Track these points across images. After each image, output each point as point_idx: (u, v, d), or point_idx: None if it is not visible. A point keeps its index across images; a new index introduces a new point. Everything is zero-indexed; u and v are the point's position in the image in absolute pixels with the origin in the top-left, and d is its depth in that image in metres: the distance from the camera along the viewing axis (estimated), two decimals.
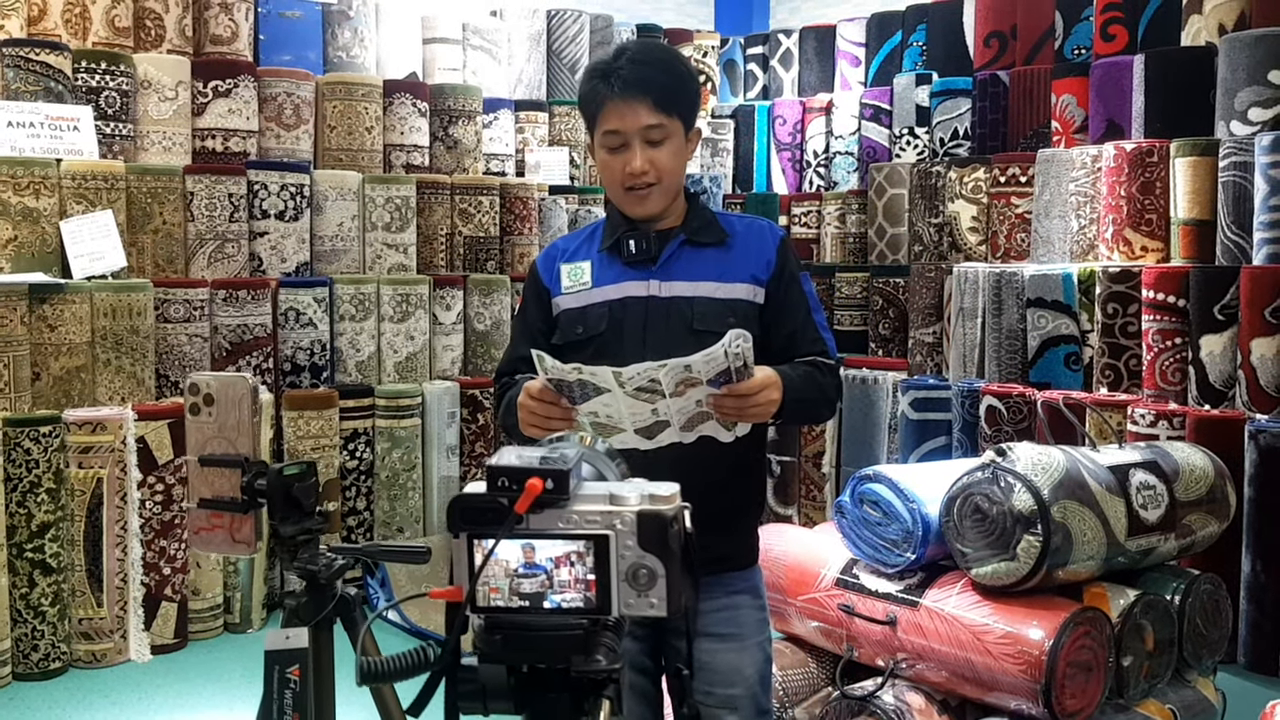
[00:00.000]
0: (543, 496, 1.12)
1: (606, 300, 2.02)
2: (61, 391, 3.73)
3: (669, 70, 2.00)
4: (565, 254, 2.12)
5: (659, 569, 1.12)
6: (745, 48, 6.22)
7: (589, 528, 1.13)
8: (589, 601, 1.12)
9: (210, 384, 1.69)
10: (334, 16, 4.81)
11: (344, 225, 4.45)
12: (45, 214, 3.77)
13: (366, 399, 4.29)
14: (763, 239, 2.06)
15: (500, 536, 1.11)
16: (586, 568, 1.12)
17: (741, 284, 2.01)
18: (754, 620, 2.08)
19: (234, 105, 4.28)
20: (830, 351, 2.06)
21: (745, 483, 2.09)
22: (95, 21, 4.12)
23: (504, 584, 1.13)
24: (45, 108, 3.84)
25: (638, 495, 1.14)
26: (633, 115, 1.94)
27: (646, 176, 1.96)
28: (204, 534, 1.76)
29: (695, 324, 1.97)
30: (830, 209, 5.65)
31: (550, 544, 1.12)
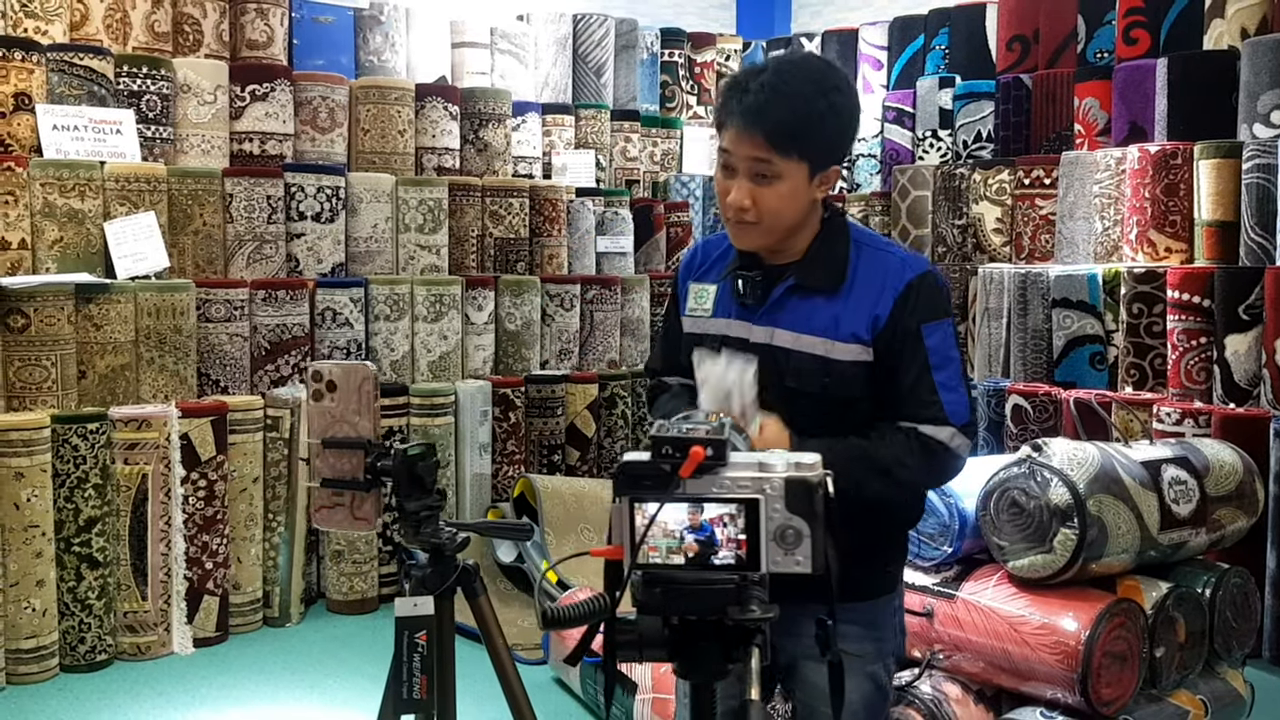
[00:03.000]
0: (703, 463, 1.24)
1: (718, 335, 1.93)
2: (107, 389, 3.80)
3: (800, 106, 1.79)
4: (700, 268, 2.03)
5: (805, 530, 1.24)
6: (767, 51, 6.27)
7: (741, 492, 1.24)
8: (740, 559, 1.25)
9: (333, 371, 1.80)
10: (365, 21, 4.89)
11: (378, 227, 4.52)
12: (90, 215, 3.84)
13: (401, 397, 4.36)
14: (881, 287, 1.85)
15: (665, 500, 1.24)
16: (738, 528, 1.24)
17: (843, 343, 1.85)
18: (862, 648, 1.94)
19: (271, 109, 4.35)
20: (949, 415, 1.83)
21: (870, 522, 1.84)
22: (135, 27, 4.20)
23: (662, 543, 1.25)
24: (89, 111, 3.91)
25: (784, 463, 1.26)
26: (745, 144, 1.80)
27: (746, 214, 1.83)
28: (325, 512, 1.88)
29: (788, 380, 1.86)
30: (854, 211, 5.70)
31: (707, 508, 1.24)
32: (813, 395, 1.84)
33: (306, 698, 3.53)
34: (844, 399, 1.85)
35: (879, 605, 1.99)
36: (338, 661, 3.80)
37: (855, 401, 1.86)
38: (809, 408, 1.84)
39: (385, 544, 4.35)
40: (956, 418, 1.84)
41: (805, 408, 1.84)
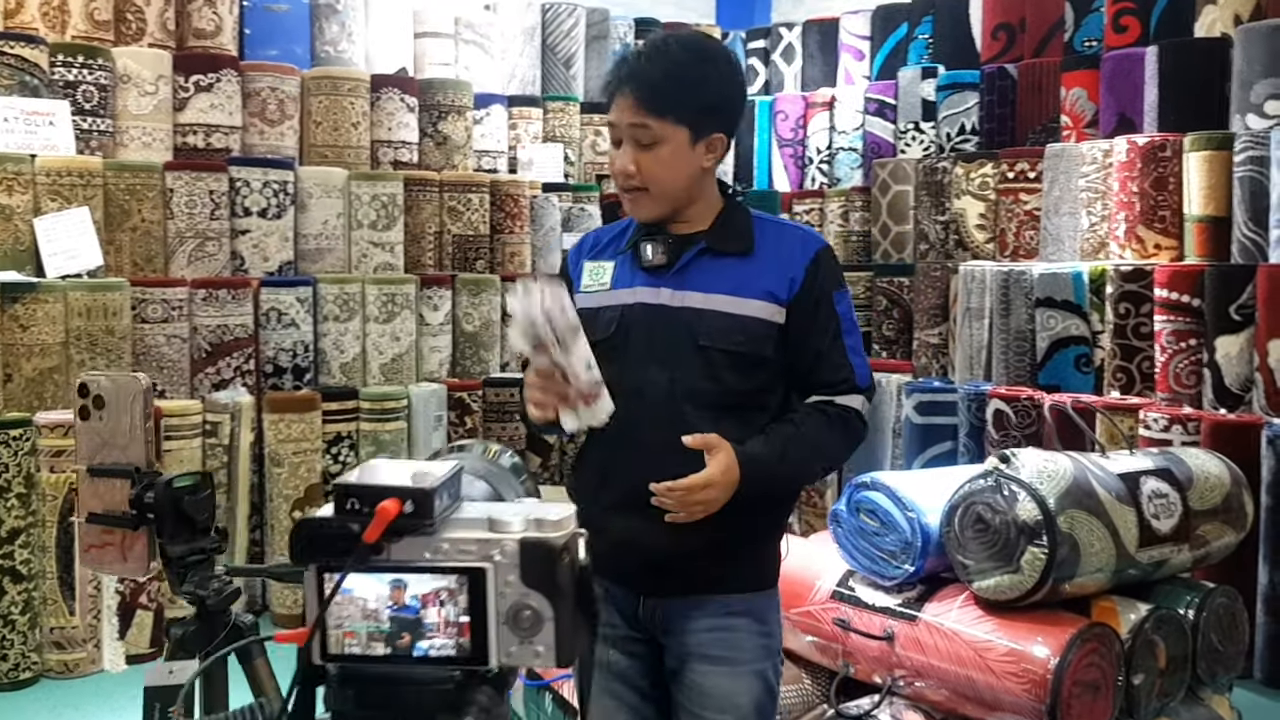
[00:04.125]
0: (401, 522, 0.92)
1: (619, 304, 1.92)
2: (34, 393, 3.62)
3: (672, 70, 1.84)
4: (593, 250, 2.04)
5: (545, 610, 0.92)
6: (746, 41, 6.08)
7: (462, 559, 0.92)
8: (462, 649, 0.93)
9: (101, 384, 1.53)
10: (321, 10, 4.69)
11: (329, 223, 4.33)
12: (19, 211, 3.66)
13: (350, 401, 4.17)
14: (791, 253, 1.90)
15: (347, 570, 0.91)
16: (459, 608, 0.92)
17: (756, 300, 1.87)
18: (753, 646, 1.93)
19: (216, 100, 4.16)
20: (858, 380, 1.90)
21: (753, 506, 1.87)
22: (74, 15, 4.01)
23: (361, 627, 0.93)
24: (20, 102, 3.72)
25: (522, 520, 0.93)
26: (623, 111, 1.85)
27: (632, 180, 1.86)
28: (94, 551, 1.58)
29: (700, 339, 1.86)
30: (833, 207, 5.51)
31: (416, 579, 0.92)
32: (726, 353, 1.85)
33: None
34: (755, 357, 1.86)
35: (766, 599, 1.97)
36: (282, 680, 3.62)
37: (765, 362, 1.87)
38: (721, 366, 1.85)
39: None
40: (863, 382, 1.91)
41: (718, 366, 1.85)
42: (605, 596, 1.95)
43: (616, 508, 1.90)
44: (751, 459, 1.79)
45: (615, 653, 1.98)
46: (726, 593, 1.92)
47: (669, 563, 1.88)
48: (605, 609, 1.96)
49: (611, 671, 1.99)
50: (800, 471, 1.92)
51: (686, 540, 1.84)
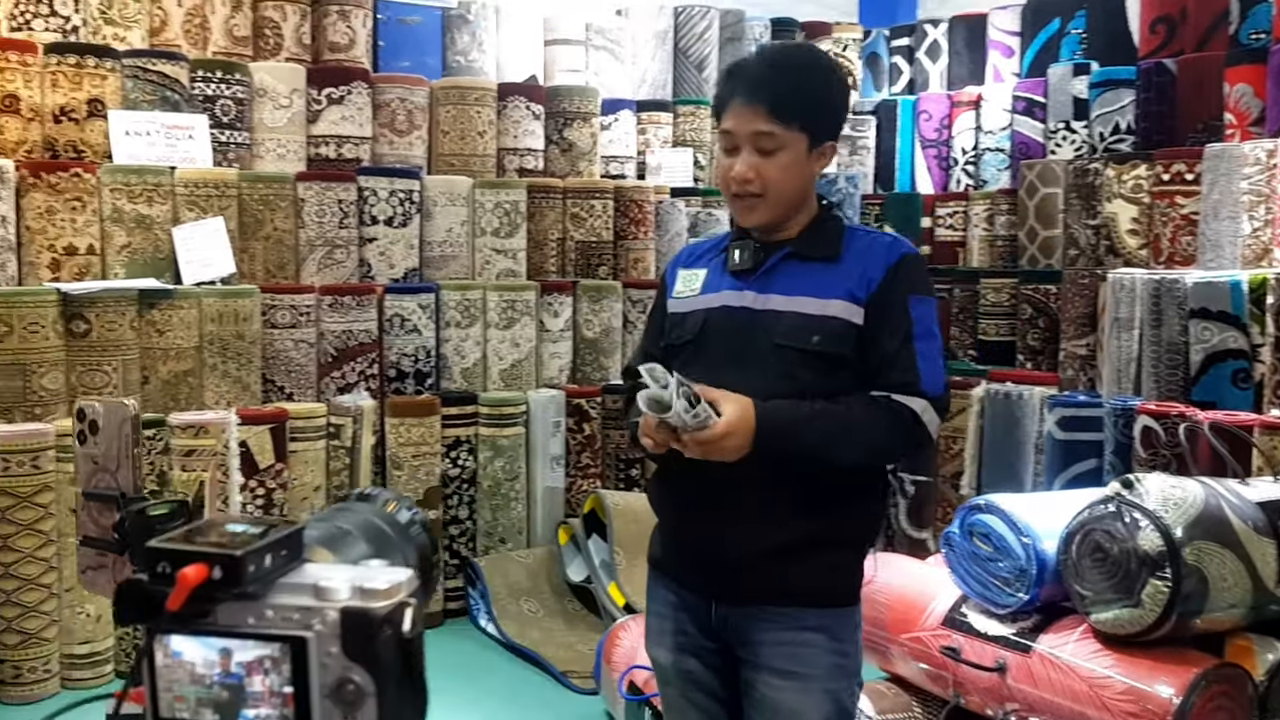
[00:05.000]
0: (210, 589, 0.87)
1: (706, 308, 1.97)
2: (169, 395, 3.79)
3: (797, 77, 1.89)
4: (689, 259, 2.10)
5: (368, 684, 0.86)
6: (890, 39, 5.89)
7: (284, 627, 0.87)
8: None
9: (96, 409, 1.55)
10: (453, 21, 4.78)
11: (453, 231, 4.39)
12: (159, 221, 3.84)
13: (469, 406, 4.22)
14: (874, 256, 1.90)
15: (151, 637, 0.87)
16: (283, 677, 0.87)
17: (836, 300, 1.87)
18: (824, 663, 1.89)
19: (347, 112, 4.28)
20: (923, 385, 1.85)
21: (829, 512, 1.89)
22: (215, 31, 4.20)
23: (190, 692, 0.88)
24: (161, 117, 3.91)
25: (348, 587, 0.87)
26: (747, 119, 1.87)
27: (750, 185, 1.89)
28: (90, 574, 1.58)
29: (777, 338, 1.87)
30: (977, 210, 5.28)
31: (241, 645, 0.87)
32: (803, 352, 1.86)
33: None
34: (833, 356, 1.86)
35: (841, 616, 1.93)
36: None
37: (844, 361, 1.86)
38: (799, 366, 1.86)
39: (451, 557, 4.22)
40: (931, 389, 1.85)
41: (795, 366, 1.86)
42: (680, 603, 1.99)
43: (689, 510, 1.96)
44: (769, 415, 1.78)
45: (691, 659, 1.99)
46: (798, 606, 1.88)
47: (738, 567, 1.89)
48: (679, 616, 1.99)
49: (688, 679, 2.00)
50: (826, 445, 1.82)
51: (756, 544, 1.86)
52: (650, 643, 2.08)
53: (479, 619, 4.12)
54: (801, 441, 1.81)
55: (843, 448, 1.84)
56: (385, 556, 1.05)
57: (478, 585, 4.14)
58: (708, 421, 1.71)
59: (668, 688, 2.06)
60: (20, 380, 3.52)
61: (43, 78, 3.78)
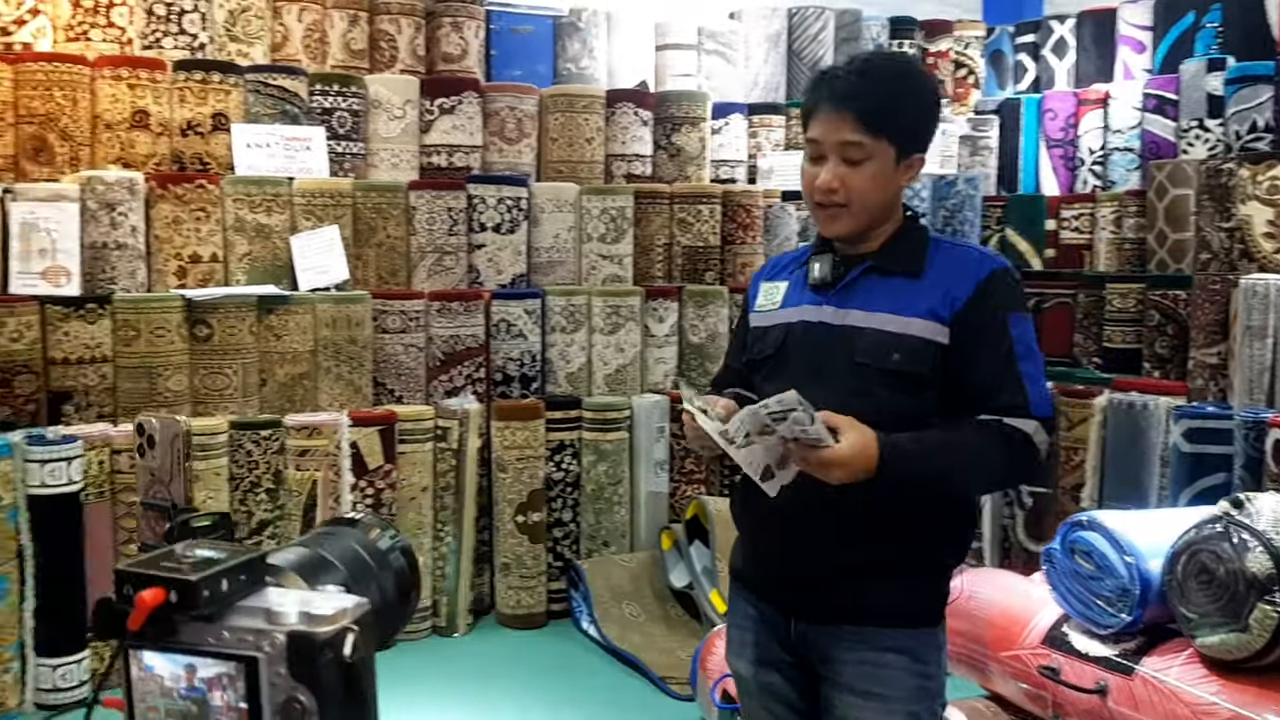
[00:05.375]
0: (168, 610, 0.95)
1: (786, 322, 1.95)
2: (285, 397, 3.95)
3: (888, 87, 1.86)
4: (772, 272, 2.09)
5: (311, 704, 0.93)
6: (1015, 36, 5.72)
7: (239, 648, 0.95)
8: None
9: (153, 425, 1.63)
10: (564, 29, 4.84)
11: (560, 237, 4.45)
12: (277, 230, 4.00)
13: (574, 411, 4.27)
14: (962, 271, 1.86)
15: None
16: (239, 694, 0.95)
17: (917, 319, 1.83)
18: (907, 685, 1.87)
19: (458, 122, 4.38)
20: (1033, 407, 1.80)
21: (913, 533, 1.85)
22: (333, 45, 4.35)
23: (161, 704, 0.97)
24: (281, 129, 4.08)
25: (296, 612, 0.94)
26: (835, 128, 1.85)
27: (835, 195, 1.86)
28: None
29: (857, 356, 1.85)
30: (1104, 212, 5.08)
31: (203, 662, 0.96)
32: (882, 371, 1.83)
33: (465, 709, 3.52)
34: (913, 376, 1.82)
35: (924, 637, 1.90)
36: (500, 675, 3.77)
37: (924, 381, 1.83)
38: (878, 385, 1.82)
39: (555, 559, 4.28)
40: (1039, 410, 1.80)
41: (874, 385, 1.82)
42: (759, 616, 1.98)
43: (770, 525, 1.93)
44: (894, 444, 1.72)
45: (771, 673, 1.98)
46: (879, 625, 1.86)
47: (818, 586, 1.87)
48: (759, 629, 1.98)
49: (768, 691, 2.00)
50: (948, 477, 1.80)
51: (837, 563, 1.84)
52: (731, 654, 2.09)
53: (581, 621, 4.17)
54: (924, 474, 1.77)
55: (963, 477, 1.83)
56: (360, 583, 1.12)
57: (580, 588, 4.19)
58: (821, 442, 1.66)
59: (748, 699, 2.07)
60: (146, 382, 3.71)
61: (171, 94, 3.98)
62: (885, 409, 1.78)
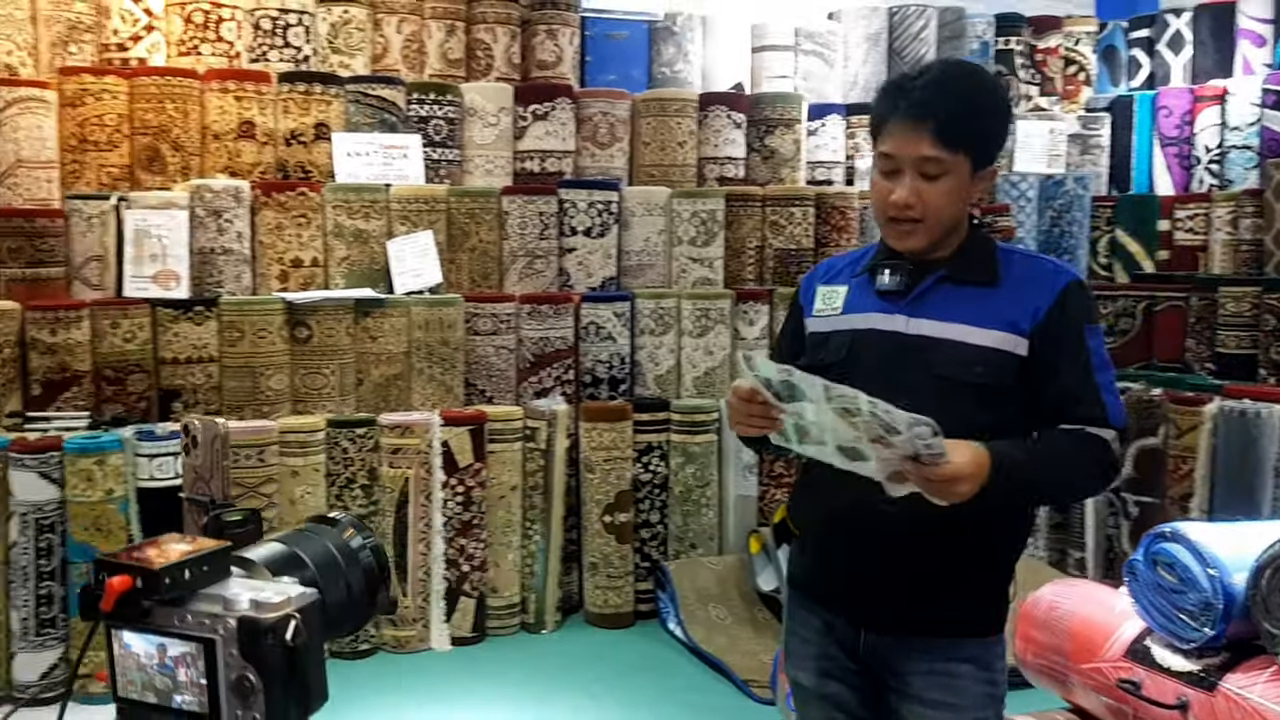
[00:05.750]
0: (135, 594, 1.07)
1: (851, 329, 1.91)
2: (380, 397, 4.08)
3: (966, 100, 1.82)
4: (827, 275, 2.04)
5: (257, 682, 1.05)
6: (1129, 31, 5.53)
7: (199, 630, 1.07)
8: (203, 705, 1.08)
9: (196, 426, 1.73)
10: (659, 34, 4.88)
11: (650, 240, 4.49)
12: (374, 235, 4.14)
13: (662, 413, 4.30)
14: (1039, 282, 1.84)
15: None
16: (200, 671, 1.07)
17: (997, 331, 1.81)
18: (975, 693, 1.88)
19: (551, 127, 4.45)
20: (1112, 419, 1.80)
21: (975, 545, 1.84)
22: (430, 55, 4.48)
23: (137, 677, 1.10)
24: (379, 138, 4.22)
25: (247, 600, 1.06)
26: (911, 143, 1.81)
27: (911, 211, 1.83)
28: None
29: (937, 369, 1.82)
30: (1220, 212, 4.88)
31: (171, 642, 1.09)
32: (965, 385, 1.80)
33: (546, 704, 3.58)
34: (997, 390, 1.81)
35: (990, 645, 1.90)
36: (583, 672, 3.82)
37: (1006, 393, 1.81)
38: (959, 398, 1.78)
39: (643, 560, 4.32)
40: (1117, 420, 1.81)
41: (955, 398, 1.78)
42: (824, 627, 1.97)
43: (837, 536, 1.92)
44: (1004, 455, 1.69)
45: (835, 683, 1.98)
46: (951, 636, 1.86)
47: (891, 596, 1.87)
48: (825, 639, 1.97)
49: (832, 702, 1.99)
50: (1050, 486, 1.83)
51: (911, 572, 1.84)
52: (792, 664, 2.07)
53: (668, 622, 4.20)
54: (1033, 483, 1.77)
55: (1064, 485, 1.85)
56: (327, 579, 1.21)
57: (667, 589, 4.21)
58: (940, 458, 1.61)
59: (809, 709, 2.05)
60: (250, 381, 3.89)
61: (276, 105, 4.15)
62: (966, 422, 1.72)
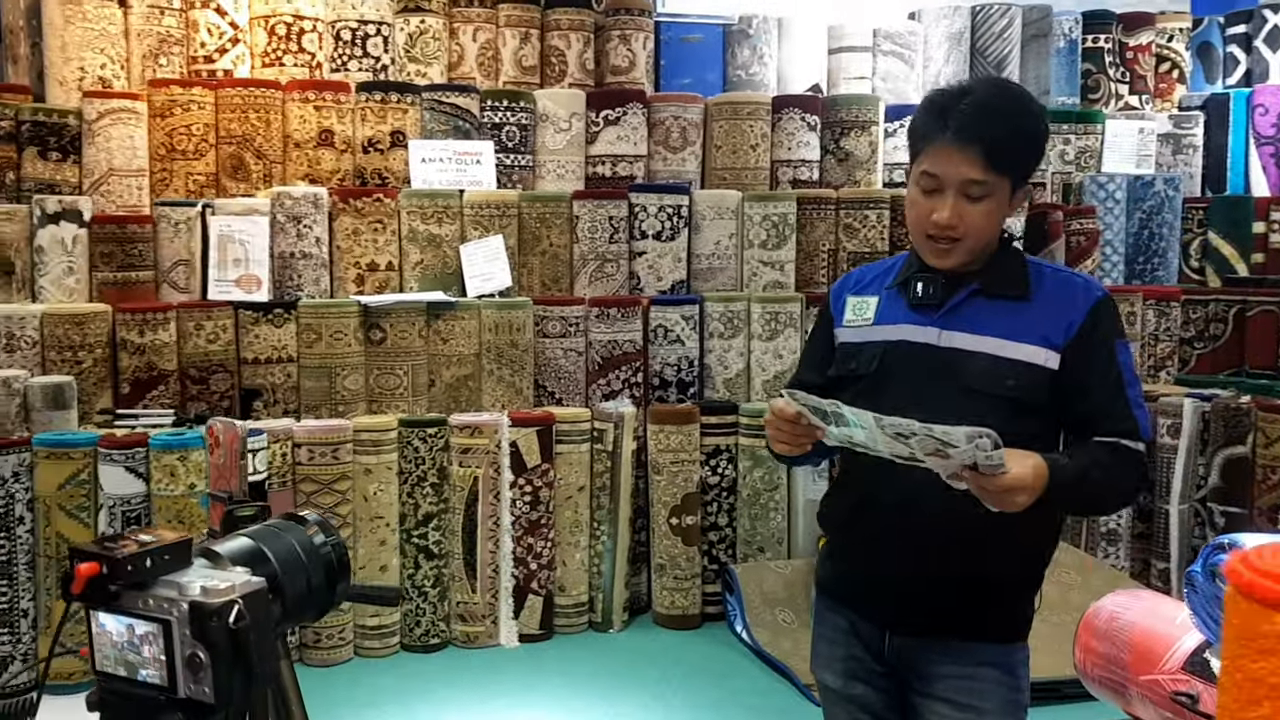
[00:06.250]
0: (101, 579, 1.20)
1: (883, 340, 1.94)
2: (451, 398, 4.18)
3: (1012, 123, 1.85)
4: (858, 285, 2.06)
5: (206, 659, 1.18)
6: (1225, 27, 5.34)
7: (159, 612, 1.20)
8: (163, 679, 1.21)
9: (217, 427, 1.84)
10: (734, 37, 4.89)
11: (721, 243, 4.50)
12: (447, 239, 4.24)
13: (729, 416, 4.30)
14: (1071, 298, 1.87)
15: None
16: (160, 648, 1.20)
17: (1030, 345, 1.84)
18: (998, 697, 1.91)
19: (622, 132, 4.50)
20: (1141, 432, 1.84)
21: (1003, 552, 1.87)
22: (505, 63, 4.57)
23: (111, 653, 1.23)
24: (453, 144, 4.32)
25: (198, 587, 1.19)
26: (956, 165, 1.83)
27: (953, 231, 1.86)
28: None
29: (970, 382, 1.85)
30: None
31: (137, 623, 1.22)
32: (997, 398, 1.82)
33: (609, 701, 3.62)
34: (1029, 404, 1.83)
35: (1014, 650, 1.93)
36: (647, 672, 3.85)
37: (1038, 407, 1.83)
38: (990, 412, 1.77)
39: (710, 562, 4.33)
40: (1145, 434, 1.85)
41: (986, 412, 1.77)
42: (851, 629, 2.01)
43: (868, 541, 1.96)
44: (1058, 468, 1.72)
45: (860, 685, 2.01)
46: (977, 641, 1.89)
47: (919, 600, 1.90)
48: (851, 641, 2.01)
49: (857, 703, 2.02)
50: (1094, 498, 1.88)
51: (938, 577, 1.87)
52: (817, 665, 2.11)
53: (735, 624, 4.20)
54: (1081, 494, 1.80)
55: (1101, 498, 1.90)
56: (289, 574, 1.35)
57: (734, 592, 4.22)
58: (1000, 469, 1.63)
59: (834, 708, 2.09)
60: (326, 381, 4.03)
61: (354, 113, 4.29)
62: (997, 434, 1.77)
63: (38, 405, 3.69)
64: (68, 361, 3.82)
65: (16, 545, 3.59)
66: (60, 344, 3.83)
